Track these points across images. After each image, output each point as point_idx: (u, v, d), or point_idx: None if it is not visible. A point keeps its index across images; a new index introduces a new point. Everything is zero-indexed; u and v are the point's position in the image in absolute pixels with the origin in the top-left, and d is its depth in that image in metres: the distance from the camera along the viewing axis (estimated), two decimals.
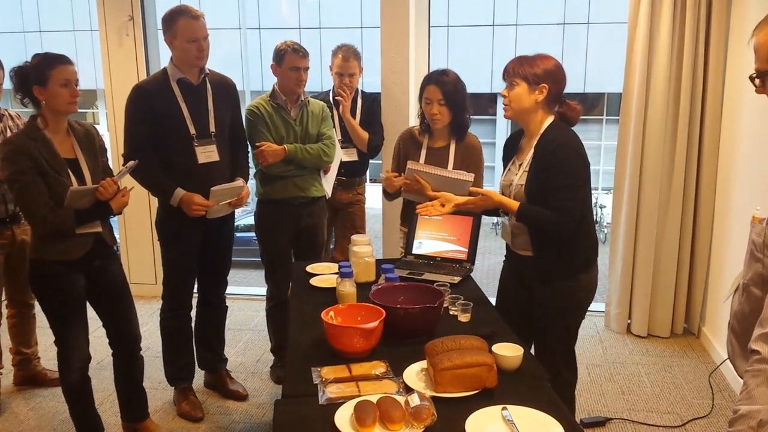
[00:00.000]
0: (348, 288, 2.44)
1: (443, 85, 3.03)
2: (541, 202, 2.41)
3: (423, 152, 3.19)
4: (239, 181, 3.15)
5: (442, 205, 2.62)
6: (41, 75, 2.51)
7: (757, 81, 1.41)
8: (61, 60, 2.56)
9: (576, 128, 2.52)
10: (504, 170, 2.65)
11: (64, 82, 2.53)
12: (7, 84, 3.06)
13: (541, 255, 2.54)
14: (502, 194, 2.58)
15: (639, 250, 4.20)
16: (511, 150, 2.64)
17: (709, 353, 4.00)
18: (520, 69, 2.42)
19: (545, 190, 2.39)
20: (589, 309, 4.73)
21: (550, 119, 2.45)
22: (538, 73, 2.40)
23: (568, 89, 2.51)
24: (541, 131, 2.44)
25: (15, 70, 2.56)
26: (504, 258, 2.79)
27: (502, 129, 18.49)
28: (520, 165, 2.52)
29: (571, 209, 2.37)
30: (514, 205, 2.45)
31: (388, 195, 3.28)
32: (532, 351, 2.51)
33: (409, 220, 3.20)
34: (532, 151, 2.45)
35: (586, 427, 3.15)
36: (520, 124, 2.55)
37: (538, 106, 2.43)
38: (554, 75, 2.42)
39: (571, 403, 2.63)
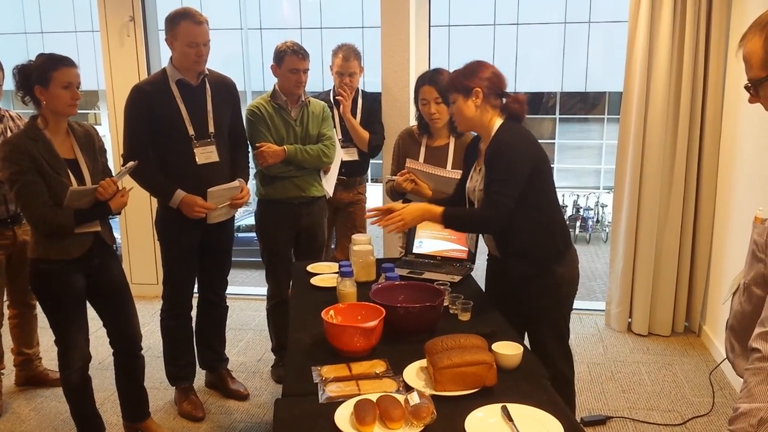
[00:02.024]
0: (348, 287, 2.44)
1: (438, 83, 3.05)
2: None
3: (422, 151, 3.19)
4: (236, 182, 3.16)
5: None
6: (43, 76, 2.51)
7: (751, 90, 1.41)
8: (65, 62, 2.56)
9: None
10: (468, 175, 2.66)
11: (66, 84, 2.54)
12: (8, 85, 3.08)
13: (507, 258, 2.56)
14: (468, 199, 2.59)
15: (639, 248, 4.20)
16: (473, 155, 2.65)
17: (709, 351, 4.00)
18: (450, 85, 2.47)
19: None
20: (589, 308, 4.79)
21: (499, 121, 2.45)
22: (462, 81, 2.43)
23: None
24: (492, 134, 2.44)
25: (18, 68, 2.56)
26: (487, 258, 2.80)
27: None
28: (480, 170, 2.53)
29: (497, 203, 2.35)
30: (438, 211, 2.44)
31: (393, 195, 3.29)
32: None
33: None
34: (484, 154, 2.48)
35: (587, 426, 3.15)
36: (476, 132, 2.57)
37: (481, 110, 2.43)
38: (480, 76, 2.42)
39: (571, 400, 2.63)
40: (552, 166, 2.56)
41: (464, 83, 2.42)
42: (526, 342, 2.49)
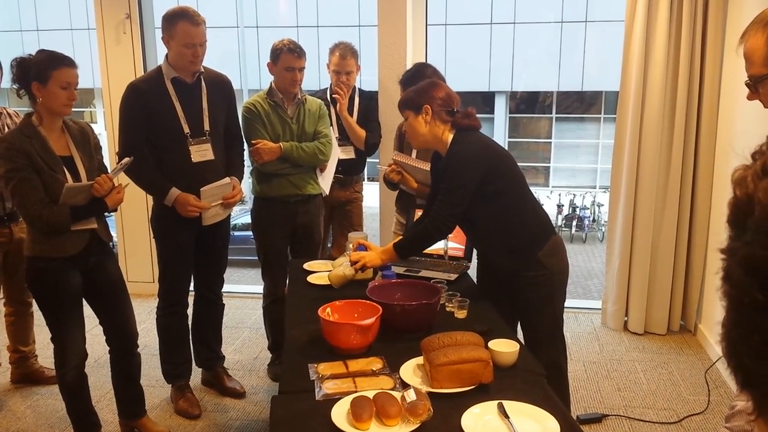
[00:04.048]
0: (346, 271, 2.48)
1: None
2: (466, 216, 2.49)
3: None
4: (227, 179, 3.15)
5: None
6: (43, 73, 2.50)
7: (751, 87, 1.42)
8: (66, 62, 2.56)
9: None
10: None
11: (65, 84, 2.53)
12: (5, 83, 3.06)
13: (491, 257, 2.62)
14: None
15: (635, 247, 4.21)
16: (436, 170, 2.67)
17: (705, 350, 4.01)
18: (403, 103, 2.53)
19: None
20: (585, 307, 4.80)
21: (451, 135, 2.49)
22: (414, 99, 2.49)
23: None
24: (447, 149, 2.48)
25: (17, 61, 2.55)
26: (477, 254, 2.84)
27: (500, 127, 18.52)
28: None
29: (441, 210, 2.44)
30: (391, 249, 2.51)
31: (390, 185, 3.36)
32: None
33: (404, 208, 3.29)
34: None
35: (583, 424, 3.15)
36: (431, 148, 2.61)
37: (431, 126, 2.47)
38: (432, 94, 2.47)
39: (565, 392, 2.64)
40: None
41: (416, 100, 2.48)
42: (520, 335, 2.50)
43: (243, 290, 5.27)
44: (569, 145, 18.83)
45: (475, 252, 2.89)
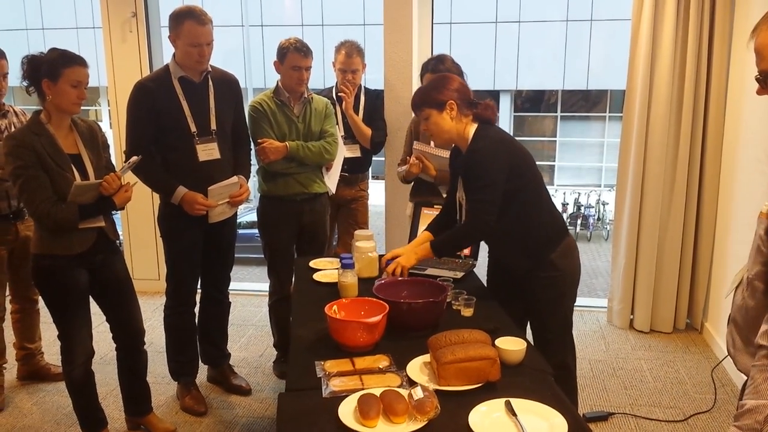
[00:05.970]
0: (349, 279, 2.46)
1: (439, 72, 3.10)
2: None
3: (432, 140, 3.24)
4: (235, 178, 3.15)
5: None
6: (54, 70, 2.51)
7: (762, 82, 1.41)
8: (77, 60, 2.57)
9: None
10: (456, 186, 2.67)
11: (75, 83, 2.54)
12: (13, 82, 3.07)
13: (503, 255, 2.62)
14: (459, 209, 2.61)
15: (642, 246, 4.20)
16: (458, 165, 2.65)
17: (711, 348, 4.00)
18: (420, 101, 2.48)
19: None
20: (591, 305, 4.79)
21: (473, 128, 2.47)
22: (434, 96, 2.45)
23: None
24: (469, 143, 2.46)
25: (28, 58, 2.56)
26: (488, 252, 2.83)
27: (505, 126, 18.50)
28: None
29: (477, 211, 2.41)
30: (427, 246, 2.51)
31: (406, 180, 3.43)
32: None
33: (419, 197, 3.35)
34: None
35: (589, 422, 3.15)
36: (454, 144, 2.59)
37: (456, 121, 2.45)
38: (449, 87, 2.45)
39: (573, 393, 2.64)
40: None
41: (436, 97, 2.43)
42: (529, 335, 2.50)
43: (248, 288, 5.27)
44: (574, 143, 18.80)
45: (484, 250, 2.88)
